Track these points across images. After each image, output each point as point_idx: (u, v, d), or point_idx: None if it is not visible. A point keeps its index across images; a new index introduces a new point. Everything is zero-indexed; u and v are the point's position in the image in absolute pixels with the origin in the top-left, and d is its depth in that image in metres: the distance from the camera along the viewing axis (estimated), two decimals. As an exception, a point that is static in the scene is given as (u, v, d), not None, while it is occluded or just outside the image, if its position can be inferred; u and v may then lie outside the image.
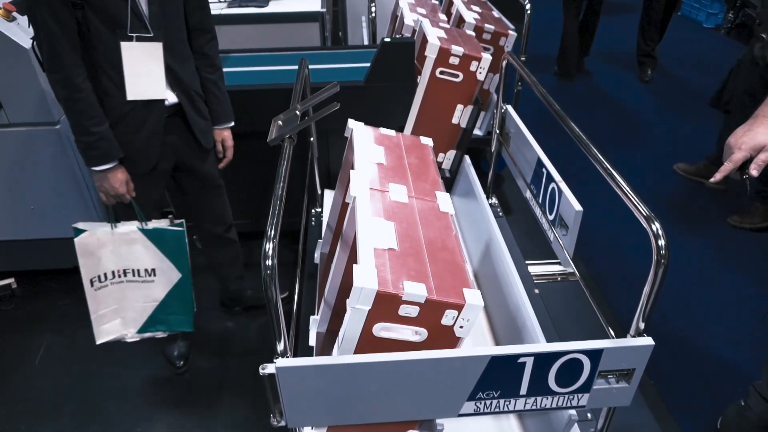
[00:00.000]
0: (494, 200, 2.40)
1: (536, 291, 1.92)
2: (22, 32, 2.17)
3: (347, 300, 1.15)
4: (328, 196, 2.45)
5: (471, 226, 2.26)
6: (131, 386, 2.32)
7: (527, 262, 2.09)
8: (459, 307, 1.16)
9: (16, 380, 2.35)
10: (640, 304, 1.16)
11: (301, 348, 1.69)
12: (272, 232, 1.10)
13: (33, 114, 2.27)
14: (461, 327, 1.18)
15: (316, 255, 2.09)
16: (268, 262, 1.05)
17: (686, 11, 6.80)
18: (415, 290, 1.13)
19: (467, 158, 2.47)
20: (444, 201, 1.51)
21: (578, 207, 1.58)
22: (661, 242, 1.09)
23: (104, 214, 2.66)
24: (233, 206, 2.32)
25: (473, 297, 1.16)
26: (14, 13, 2.19)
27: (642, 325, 1.17)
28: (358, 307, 1.13)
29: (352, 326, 1.17)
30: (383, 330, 1.18)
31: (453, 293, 1.17)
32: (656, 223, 1.11)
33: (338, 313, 1.60)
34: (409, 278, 1.17)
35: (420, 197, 1.50)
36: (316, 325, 1.67)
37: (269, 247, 1.07)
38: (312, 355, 1.65)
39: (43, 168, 2.42)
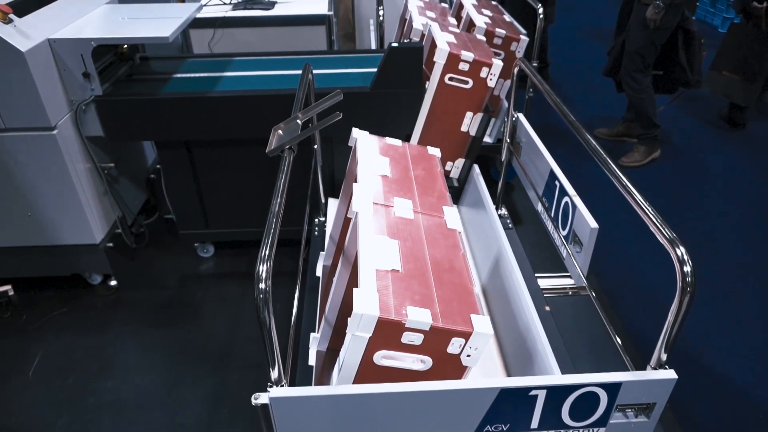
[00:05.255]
0: (503, 211, 2.32)
1: (546, 308, 1.83)
2: (18, 35, 2.11)
3: (348, 324, 1.07)
4: (332, 205, 2.37)
5: (479, 237, 2.17)
6: (127, 400, 2.25)
7: (537, 275, 2.00)
8: (466, 335, 1.08)
9: (9, 391, 2.28)
10: (663, 333, 1.07)
11: (300, 367, 1.61)
12: (266, 252, 1.03)
13: (30, 119, 2.21)
14: (468, 356, 1.10)
15: (318, 267, 2.01)
16: (262, 285, 0.98)
17: (701, 15, 6.68)
18: (419, 317, 1.06)
19: (476, 167, 2.39)
20: (452, 217, 1.43)
21: (594, 224, 1.50)
22: (687, 268, 1.01)
23: (101, 221, 2.60)
24: (239, 215, 2.19)
25: (482, 324, 1.08)
26: (11, 15, 2.13)
27: (664, 357, 1.09)
28: (358, 335, 1.05)
29: (351, 353, 1.09)
30: (385, 358, 1.10)
31: (460, 320, 1.09)
32: (681, 247, 1.03)
33: (339, 332, 1.53)
34: (413, 303, 1.09)
35: (426, 212, 1.42)
36: (316, 343, 1.59)
37: (263, 269, 1.00)
38: (312, 375, 1.58)
39: (40, 174, 2.35)
